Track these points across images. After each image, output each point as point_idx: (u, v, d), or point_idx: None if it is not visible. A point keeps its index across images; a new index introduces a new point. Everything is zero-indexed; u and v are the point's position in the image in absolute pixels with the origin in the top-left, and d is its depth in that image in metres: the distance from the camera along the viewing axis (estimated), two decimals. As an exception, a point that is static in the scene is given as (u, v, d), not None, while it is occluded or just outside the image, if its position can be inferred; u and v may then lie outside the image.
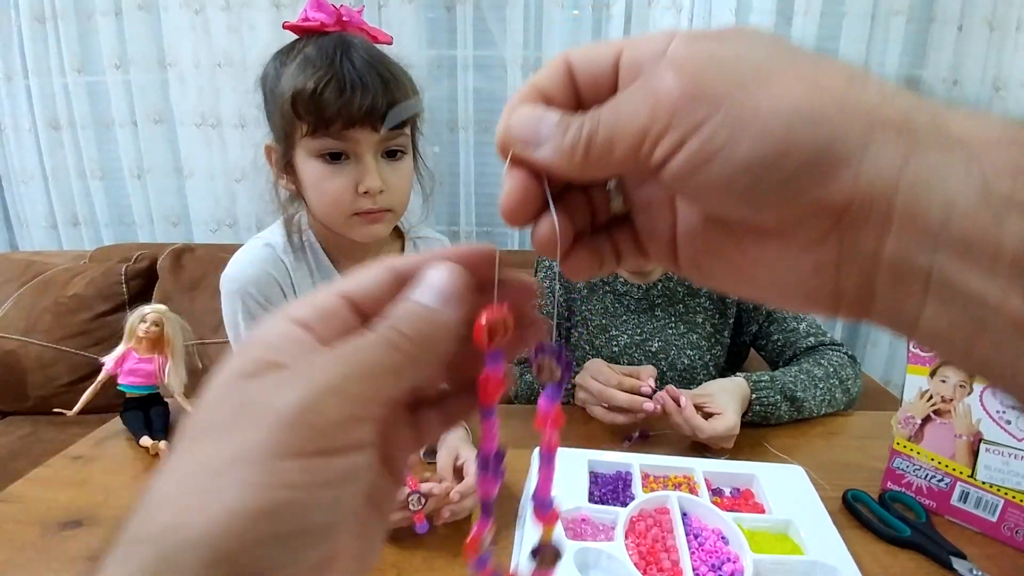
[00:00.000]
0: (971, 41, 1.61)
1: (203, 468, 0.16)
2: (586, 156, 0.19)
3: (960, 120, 0.16)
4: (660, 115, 0.17)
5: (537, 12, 1.64)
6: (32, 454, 1.23)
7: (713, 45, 0.18)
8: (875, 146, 0.16)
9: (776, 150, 0.16)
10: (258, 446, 0.16)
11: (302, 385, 0.17)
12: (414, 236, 0.95)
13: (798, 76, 0.17)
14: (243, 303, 0.80)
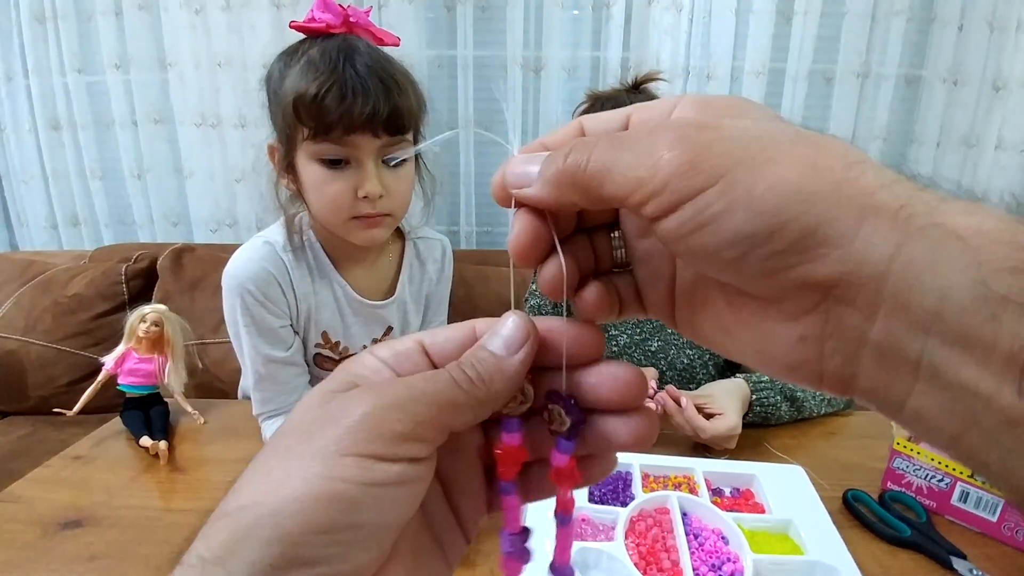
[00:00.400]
0: (971, 41, 1.61)
1: (282, 459, 0.19)
2: (573, 184, 0.20)
3: (958, 213, 0.16)
4: (659, 174, 0.18)
5: (537, 12, 1.64)
6: (32, 454, 1.23)
7: (719, 116, 0.19)
8: (867, 231, 0.16)
9: (767, 227, 0.17)
10: (327, 444, 0.18)
11: (372, 398, 0.20)
12: (415, 236, 0.95)
13: (798, 157, 0.17)
14: (242, 299, 0.80)
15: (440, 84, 1.70)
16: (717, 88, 1.65)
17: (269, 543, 0.17)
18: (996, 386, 0.15)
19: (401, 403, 0.19)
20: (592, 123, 0.23)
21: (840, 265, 0.17)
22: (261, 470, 0.19)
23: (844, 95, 1.67)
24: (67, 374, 1.45)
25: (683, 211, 0.18)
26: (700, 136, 0.18)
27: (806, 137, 0.18)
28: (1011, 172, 1.70)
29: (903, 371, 0.17)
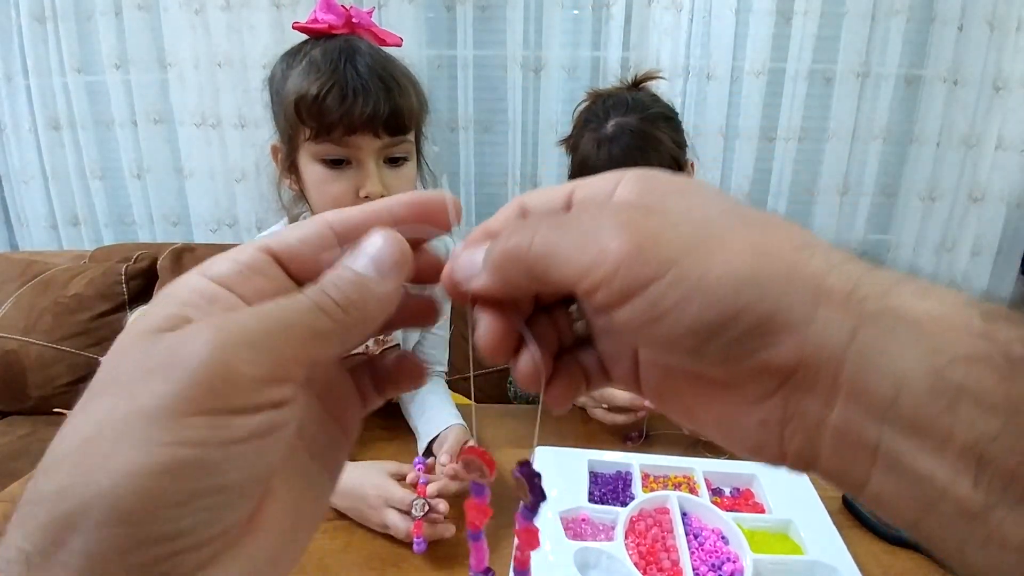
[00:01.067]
0: (971, 41, 1.61)
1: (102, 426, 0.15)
2: (515, 267, 0.19)
3: (912, 296, 0.16)
4: (606, 263, 0.17)
5: (537, 12, 1.64)
6: (32, 454, 1.23)
7: (663, 198, 0.19)
8: (821, 316, 0.16)
9: (723, 315, 0.17)
10: (163, 402, 0.15)
11: (215, 337, 0.16)
12: (414, 236, 0.95)
13: (746, 241, 0.17)
14: None
15: (440, 84, 1.70)
16: (717, 88, 1.66)
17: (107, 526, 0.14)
18: (952, 477, 0.15)
19: (252, 339, 0.16)
20: (533, 200, 0.22)
21: (797, 351, 0.17)
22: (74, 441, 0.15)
23: (844, 95, 1.67)
24: (67, 374, 1.45)
25: (635, 303, 0.17)
26: (646, 222, 0.18)
27: (753, 219, 0.18)
28: (1011, 172, 1.70)
29: (861, 457, 0.17)
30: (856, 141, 1.71)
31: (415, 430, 0.81)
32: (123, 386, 0.16)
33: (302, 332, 0.17)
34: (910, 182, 1.76)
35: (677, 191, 0.19)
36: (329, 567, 0.60)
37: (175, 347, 0.16)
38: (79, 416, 0.16)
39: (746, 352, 0.17)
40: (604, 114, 0.91)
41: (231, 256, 0.19)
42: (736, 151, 1.73)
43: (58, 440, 0.16)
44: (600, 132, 0.89)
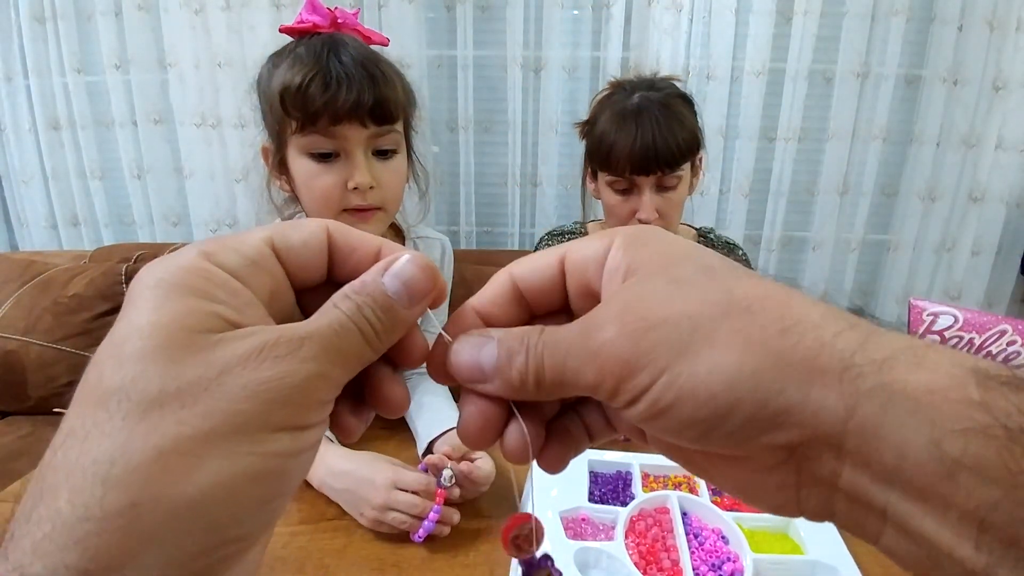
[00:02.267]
0: (971, 41, 1.61)
1: (179, 440, 0.15)
2: (539, 390, 0.20)
3: (906, 369, 0.17)
4: (608, 378, 0.19)
5: (537, 12, 1.64)
6: (32, 454, 1.23)
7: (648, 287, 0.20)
8: (816, 397, 0.17)
9: (719, 410, 0.18)
10: (249, 419, 0.16)
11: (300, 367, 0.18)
12: (415, 236, 0.95)
13: (733, 334, 0.18)
14: None
15: (440, 84, 1.70)
16: (717, 88, 1.66)
17: (191, 534, 0.15)
18: (955, 540, 0.16)
19: (325, 372, 0.18)
20: (522, 271, 0.22)
21: (798, 430, 0.17)
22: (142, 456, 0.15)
23: (844, 95, 1.67)
24: (67, 374, 1.45)
25: (638, 405, 0.19)
26: (633, 330, 0.19)
27: (737, 304, 0.19)
28: (1011, 172, 1.70)
29: (872, 517, 0.17)
30: (856, 141, 1.71)
31: (414, 432, 0.80)
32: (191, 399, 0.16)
33: (353, 360, 0.19)
34: (910, 182, 1.76)
35: (662, 270, 0.20)
36: (329, 567, 0.60)
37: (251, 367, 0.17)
38: (136, 429, 0.15)
39: (749, 437, 0.18)
40: (630, 89, 0.93)
41: (235, 247, 0.19)
42: (736, 151, 1.73)
43: (101, 456, 0.15)
44: (626, 103, 0.90)
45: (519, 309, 0.23)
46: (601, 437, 0.24)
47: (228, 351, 0.17)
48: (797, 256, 1.85)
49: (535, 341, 0.20)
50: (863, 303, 1.93)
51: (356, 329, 0.19)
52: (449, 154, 1.75)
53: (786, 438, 0.18)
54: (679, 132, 0.88)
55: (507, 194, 1.78)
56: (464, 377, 0.21)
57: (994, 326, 0.62)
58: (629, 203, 0.93)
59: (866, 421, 0.17)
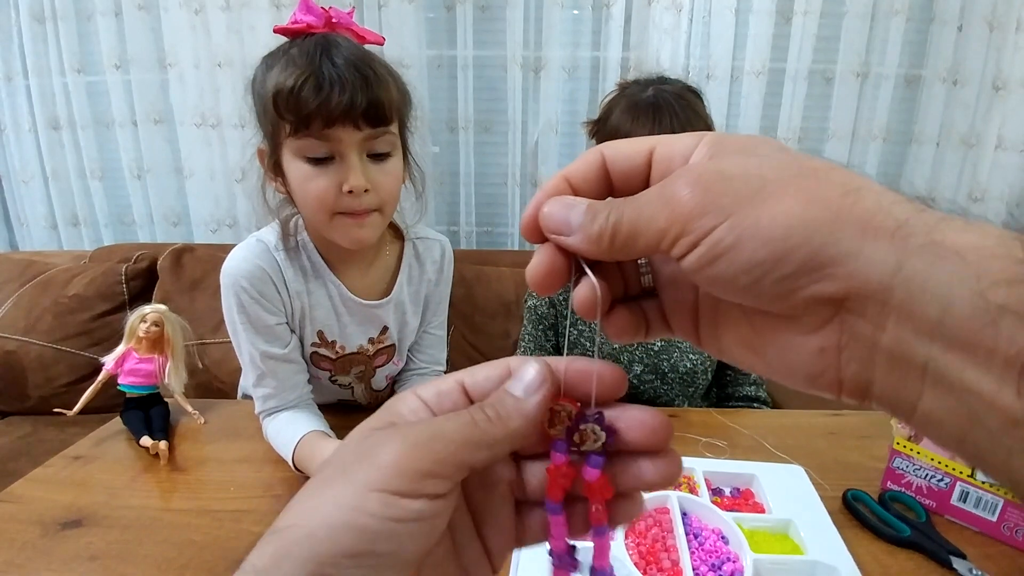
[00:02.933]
0: (971, 41, 1.61)
1: (322, 487, 0.22)
2: (612, 244, 0.22)
3: (955, 231, 0.17)
4: (676, 221, 0.20)
5: (537, 12, 1.64)
6: (32, 454, 1.24)
7: (728, 159, 0.21)
8: (868, 250, 0.18)
9: (773, 255, 0.19)
10: (358, 478, 0.21)
11: (400, 437, 0.22)
12: (414, 237, 0.95)
13: (797, 190, 0.19)
14: (238, 297, 0.81)
15: (440, 84, 1.70)
16: (717, 88, 1.66)
17: (304, 562, 0.19)
18: (997, 388, 0.16)
19: (424, 442, 0.21)
20: (613, 152, 0.24)
21: (847, 281, 0.18)
22: (306, 494, 0.22)
23: (844, 95, 1.67)
24: (67, 374, 1.45)
25: (700, 247, 0.20)
26: (707, 181, 0.20)
27: (807, 169, 0.20)
28: (1011, 172, 1.70)
29: (912, 376, 0.18)
30: (856, 141, 1.71)
31: None
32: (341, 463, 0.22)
33: (458, 438, 0.22)
34: (910, 182, 1.76)
35: (742, 150, 0.21)
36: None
37: (377, 442, 0.22)
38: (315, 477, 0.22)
39: (798, 287, 0.19)
40: (644, 84, 0.92)
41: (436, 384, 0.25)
42: (736, 151, 1.73)
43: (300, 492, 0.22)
44: (640, 97, 0.90)
45: (603, 187, 0.24)
46: (656, 331, 0.26)
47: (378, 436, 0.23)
48: (797, 256, 1.85)
49: (619, 203, 0.22)
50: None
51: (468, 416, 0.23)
52: (449, 154, 1.75)
53: (834, 288, 0.18)
54: (696, 124, 0.88)
55: (507, 194, 1.78)
56: (551, 228, 0.23)
57: (994, 326, 0.62)
58: None
59: (914, 274, 0.17)
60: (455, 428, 0.22)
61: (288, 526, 0.21)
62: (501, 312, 1.53)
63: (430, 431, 0.22)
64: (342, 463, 0.22)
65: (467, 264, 1.56)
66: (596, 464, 0.23)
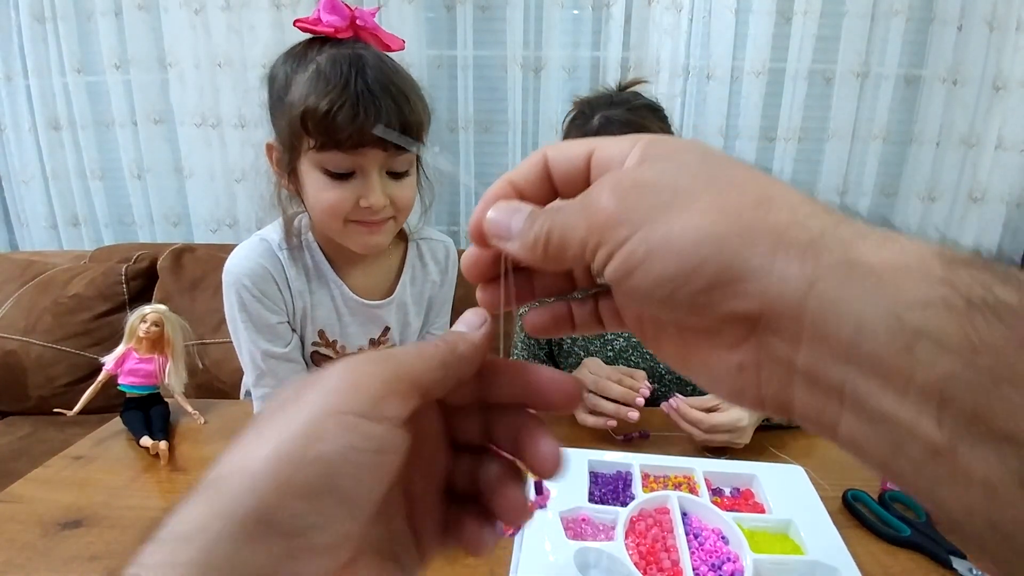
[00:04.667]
0: (971, 41, 1.61)
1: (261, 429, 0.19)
2: (545, 253, 0.22)
3: (872, 247, 0.17)
4: (594, 231, 0.20)
5: (537, 12, 1.64)
6: (32, 454, 1.24)
7: (649, 166, 0.21)
8: (779, 266, 0.17)
9: (685, 268, 0.18)
10: (312, 405, 0.19)
11: (352, 364, 0.20)
12: (418, 238, 0.95)
13: (708, 203, 0.19)
14: (239, 295, 0.81)
15: (440, 84, 1.70)
16: (717, 88, 1.66)
17: (245, 515, 0.17)
18: (915, 417, 0.15)
19: (379, 361, 0.21)
20: (555, 154, 0.24)
21: (759, 298, 0.18)
22: (244, 439, 0.19)
23: (844, 95, 1.67)
24: (67, 374, 1.45)
25: (615, 260, 0.20)
26: (624, 189, 0.20)
27: (723, 178, 0.20)
28: (1011, 172, 1.70)
29: (831, 399, 0.17)
30: (856, 141, 1.71)
31: None
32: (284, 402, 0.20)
33: (408, 358, 0.21)
34: (910, 182, 1.76)
35: (667, 155, 0.21)
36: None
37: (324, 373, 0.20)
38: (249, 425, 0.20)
39: (712, 302, 0.19)
40: (589, 112, 0.91)
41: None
42: (736, 151, 1.73)
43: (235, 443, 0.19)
44: (586, 128, 0.89)
45: (547, 190, 0.24)
46: (611, 324, 0.26)
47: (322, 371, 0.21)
48: (797, 256, 1.85)
49: (551, 211, 0.22)
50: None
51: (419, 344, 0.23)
52: (449, 154, 1.75)
53: (746, 306, 0.18)
54: None
55: (507, 194, 1.78)
56: (492, 232, 0.23)
57: (994, 326, 0.62)
58: None
59: (825, 294, 0.17)
60: (407, 351, 0.22)
61: (223, 475, 0.18)
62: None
63: (382, 355, 0.21)
64: (285, 399, 0.20)
65: (467, 264, 1.56)
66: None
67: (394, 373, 0.20)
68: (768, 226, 0.18)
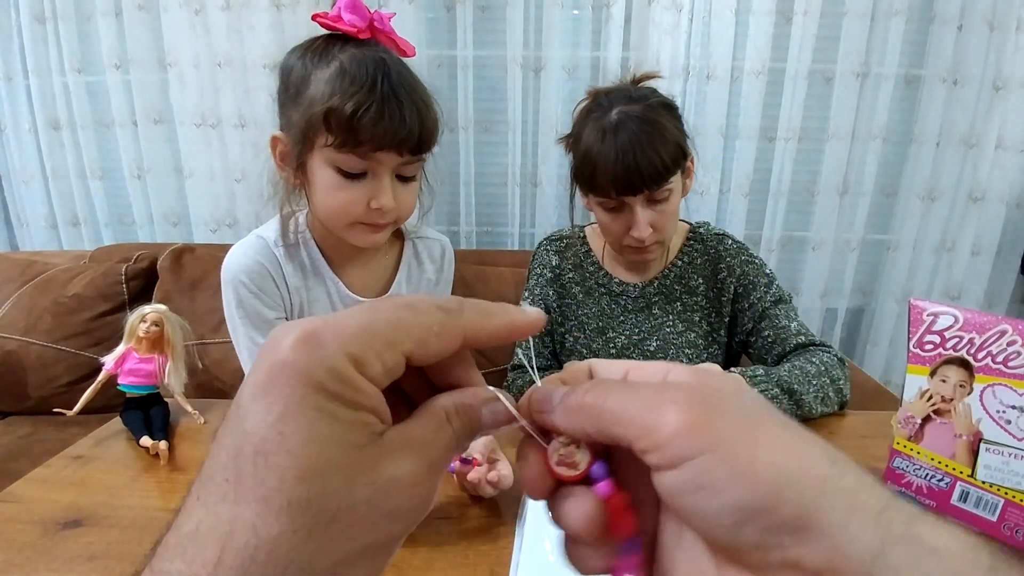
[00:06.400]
0: (971, 41, 1.61)
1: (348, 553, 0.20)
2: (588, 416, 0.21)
3: (930, 527, 0.17)
4: (664, 429, 0.19)
5: (537, 12, 1.64)
6: (32, 454, 1.23)
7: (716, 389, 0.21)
8: (854, 527, 0.17)
9: (766, 501, 0.18)
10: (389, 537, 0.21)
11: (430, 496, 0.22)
12: (415, 236, 0.95)
13: (788, 442, 0.19)
14: (236, 292, 0.81)
15: (440, 84, 1.70)
16: (717, 88, 1.66)
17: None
18: None
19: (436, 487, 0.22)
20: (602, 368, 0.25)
21: (830, 553, 0.17)
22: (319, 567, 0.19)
23: (844, 95, 1.67)
24: (67, 374, 1.45)
25: (684, 469, 0.18)
26: (704, 403, 0.19)
27: (791, 425, 0.20)
28: (1011, 172, 1.70)
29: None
30: (856, 141, 1.71)
31: None
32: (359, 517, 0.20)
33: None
34: (910, 182, 1.76)
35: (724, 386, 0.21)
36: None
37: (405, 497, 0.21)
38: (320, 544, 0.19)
39: (782, 544, 0.18)
40: (607, 105, 0.90)
41: (381, 357, 0.21)
42: (736, 151, 1.73)
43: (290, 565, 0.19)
44: (604, 121, 0.88)
45: None
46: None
47: (387, 472, 0.20)
48: (797, 256, 1.85)
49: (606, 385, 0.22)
50: (863, 303, 1.93)
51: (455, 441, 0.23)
52: (449, 154, 1.75)
53: (814, 559, 0.17)
54: (661, 147, 0.86)
55: (507, 194, 1.79)
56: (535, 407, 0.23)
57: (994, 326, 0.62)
58: (621, 220, 0.92)
59: (892, 563, 0.17)
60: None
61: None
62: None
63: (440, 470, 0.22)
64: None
65: (467, 264, 1.56)
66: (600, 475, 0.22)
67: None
68: (844, 485, 0.18)
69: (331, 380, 0.19)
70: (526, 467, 0.23)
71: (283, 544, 0.18)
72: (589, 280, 1.06)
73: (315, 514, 0.18)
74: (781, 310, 0.98)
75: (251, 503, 0.18)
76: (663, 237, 0.95)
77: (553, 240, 1.10)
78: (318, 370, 0.19)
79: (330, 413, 0.19)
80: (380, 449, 0.20)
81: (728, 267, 1.01)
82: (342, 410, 0.19)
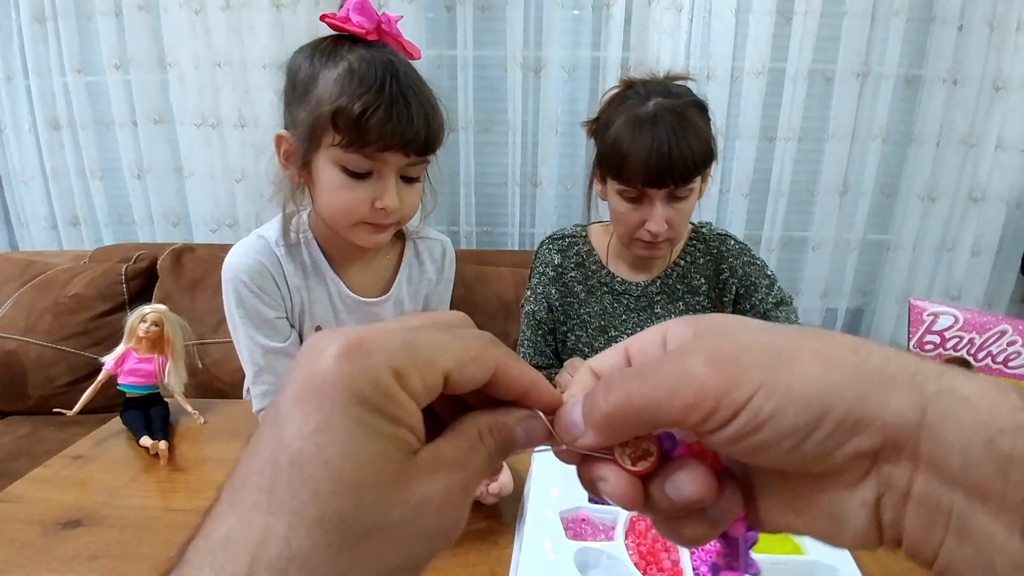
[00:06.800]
0: (971, 41, 1.61)
1: (379, 571, 0.20)
2: (623, 419, 0.22)
3: (961, 378, 0.19)
4: (708, 396, 0.20)
5: (537, 12, 1.64)
6: (32, 454, 1.24)
7: (721, 330, 0.22)
8: (894, 400, 0.19)
9: (814, 416, 0.19)
10: (420, 558, 0.21)
11: (463, 515, 0.22)
12: (415, 236, 0.95)
13: (813, 353, 0.20)
14: (237, 291, 0.81)
15: (440, 84, 1.69)
16: (717, 88, 1.66)
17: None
18: (1007, 534, 0.17)
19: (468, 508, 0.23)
20: (599, 363, 0.25)
21: (881, 433, 0.19)
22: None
23: (844, 95, 1.67)
24: (67, 374, 1.45)
25: (739, 418, 0.20)
26: (721, 352, 0.21)
27: (810, 333, 0.21)
28: (1011, 172, 1.70)
29: (937, 524, 0.19)
30: (856, 141, 1.71)
31: None
32: (391, 536, 0.20)
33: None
34: (910, 182, 1.76)
35: (726, 323, 0.23)
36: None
37: (438, 517, 0.21)
38: (354, 560, 0.19)
39: (839, 444, 0.19)
40: (644, 95, 0.90)
41: (422, 375, 0.21)
42: (736, 151, 1.73)
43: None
44: (640, 110, 0.87)
45: None
46: None
47: (419, 491, 0.20)
48: (797, 256, 1.85)
49: (616, 378, 0.22)
50: (863, 303, 1.93)
51: (489, 461, 0.23)
52: (449, 154, 1.75)
53: (870, 442, 0.19)
54: (696, 145, 0.86)
55: (507, 194, 1.79)
56: (565, 438, 0.23)
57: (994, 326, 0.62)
58: (639, 212, 0.91)
59: (935, 423, 0.18)
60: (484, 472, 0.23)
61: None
62: (501, 312, 1.53)
63: (473, 489, 0.23)
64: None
65: (467, 264, 1.56)
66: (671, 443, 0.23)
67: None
68: (872, 367, 0.19)
69: (374, 392, 0.19)
70: (609, 486, 0.24)
71: (315, 558, 0.17)
72: (592, 279, 1.06)
73: (347, 530, 0.18)
74: (782, 312, 0.99)
75: (284, 515, 0.17)
76: (675, 235, 0.95)
77: (555, 239, 1.10)
78: (362, 381, 0.19)
79: (369, 426, 0.19)
80: (413, 468, 0.20)
81: (730, 268, 1.01)
82: (382, 424, 0.19)
